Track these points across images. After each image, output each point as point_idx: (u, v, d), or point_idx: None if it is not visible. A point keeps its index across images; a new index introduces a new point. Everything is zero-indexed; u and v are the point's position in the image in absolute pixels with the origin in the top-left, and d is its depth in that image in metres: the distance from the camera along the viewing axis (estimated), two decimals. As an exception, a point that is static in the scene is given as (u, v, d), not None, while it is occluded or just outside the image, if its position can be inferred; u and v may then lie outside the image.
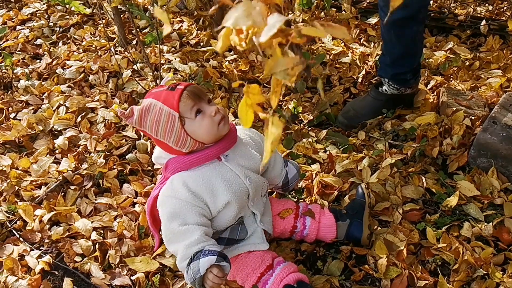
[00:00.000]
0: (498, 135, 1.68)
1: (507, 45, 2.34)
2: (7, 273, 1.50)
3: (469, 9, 2.57)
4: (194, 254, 1.20)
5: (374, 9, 2.58)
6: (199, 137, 1.26)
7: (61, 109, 2.12)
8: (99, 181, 1.79)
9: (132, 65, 2.34)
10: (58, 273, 1.53)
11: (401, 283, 1.39)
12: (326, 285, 1.41)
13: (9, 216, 1.69)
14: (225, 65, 2.30)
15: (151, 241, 1.55)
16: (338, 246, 1.52)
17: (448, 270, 1.44)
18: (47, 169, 1.85)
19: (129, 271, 1.49)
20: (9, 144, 1.99)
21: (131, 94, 2.18)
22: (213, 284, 1.19)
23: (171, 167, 1.30)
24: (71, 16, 2.82)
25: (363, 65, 2.26)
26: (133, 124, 1.29)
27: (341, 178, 1.71)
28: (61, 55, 2.49)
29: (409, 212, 1.60)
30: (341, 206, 1.62)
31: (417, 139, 1.82)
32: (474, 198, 1.62)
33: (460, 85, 2.08)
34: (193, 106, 1.25)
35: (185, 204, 1.25)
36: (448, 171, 1.74)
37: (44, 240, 1.61)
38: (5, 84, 2.33)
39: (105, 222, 1.63)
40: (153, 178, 1.80)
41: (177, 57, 2.38)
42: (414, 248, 1.50)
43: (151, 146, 1.88)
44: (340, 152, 1.83)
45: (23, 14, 2.86)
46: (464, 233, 1.52)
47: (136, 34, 2.16)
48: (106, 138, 1.96)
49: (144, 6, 2.79)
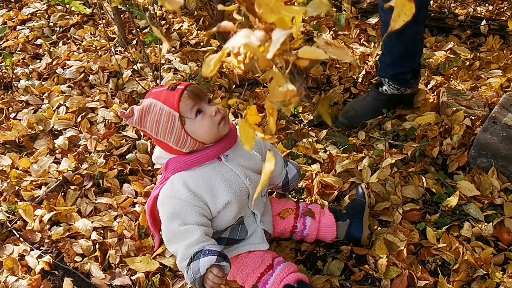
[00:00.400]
0: (498, 135, 1.68)
1: (507, 45, 2.34)
2: (7, 273, 1.50)
3: (469, 9, 2.57)
4: (194, 254, 1.20)
5: (374, 9, 2.58)
6: (199, 137, 1.26)
7: (61, 109, 2.13)
8: (99, 181, 1.79)
9: (132, 65, 2.34)
10: (58, 273, 1.53)
11: (401, 283, 1.39)
12: (326, 285, 1.41)
13: (9, 216, 1.69)
14: (225, 65, 2.30)
15: (151, 241, 1.55)
16: (338, 246, 1.52)
17: (448, 270, 1.44)
18: (47, 169, 1.85)
19: (129, 271, 1.49)
20: (9, 144, 1.99)
21: (131, 94, 2.18)
22: (213, 284, 1.19)
23: (171, 167, 1.30)
24: (71, 16, 2.82)
25: (363, 65, 2.26)
26: (134, 124, 1.29)
27: (341, 178, 1.71)
28: (61, 55, 2.49)
29: (409, 212, 1.60)
30: (341, 206, 1.62)
31: (417, 139, 1.82)
32: (474, 198, 1.62)
33: (460, 85, 2.08)
34: (193, 106, 1.25)
35: (185, 204, 1.25)
36: (448, 171, 1.74)
37: (44, 240, 1.61)
38: (5, 84, 2.33)
39: (105, 222, 1.63)
40: (153, 178, 1.80)
41: (177, 57, 2.38)
42: (414, 248, 1.50)
43: (151, 146, 1.88)
44: (340, 152, 1.83)
45: (23, 14, 2.86)
46: (464, 233, 1.52)
47: (136, 34, 2.16)
48: (106, 138, 1.96)
49: (144, 6, 2.79)
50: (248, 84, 2.22)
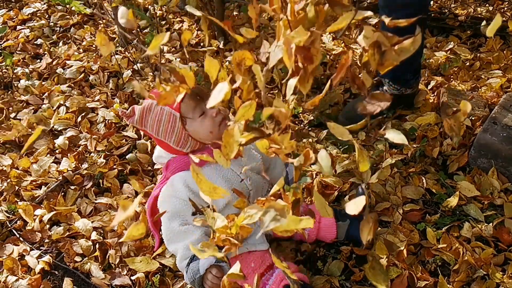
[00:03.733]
0: (499, 135, 1.68)
1: (508, 45, 2.34)
2: (7, 273, 1.50)
3: (469, 10, 2.57)
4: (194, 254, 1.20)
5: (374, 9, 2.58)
6: (200, 138, 1.26)
7: (61, 109, 2.13)
8: (99, 181, 1.79)
9: (132, 65, 2.34)
10: (58, 273, 1.53)
11: (401, 283, 1.39)
12: (326, 285, 1.41)
13: (9, 216, 1.69)
14: (226, 65, 2.30)
15: (151, 241, 1.55)
16: (338, 246, 1.52)
17: (448, 271, 1.44)
18: (47, 169, 1.85)
19: (129, 271, 1.49)
20: (9, 144, 1.99)
21: (131, 94, 2.18)
22: (212, 285, 1.19)
23: (172, 167, 1.30)
24: (72, 16, 2.82)
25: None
26: (134, 123, 1.29)
27: (341, 178, 1.71)
28: (62, 55, 2.49)
29: (409, 212, 1.60)
30: (341, 206, 1.62)
31: (418, 139, 1.82)
32: (474, 198, 1.62)
33: (460, 86, 2.08)
34: (195, 107, 1.25)
35: (186, 203, 1.25)
36: (448, 171, 1.74)
37: (44, 240, 1.61)
38: (6, 84, 2.33)
39: (105, 222, 1.63)
40: (153, 178, 1.80)
41: (177, 57, 2.38)
42: (414, 248, 1.50)
43: (151, 146, 1.88)
44: (340, 152, 1.83)
45: (24, 14, 2.86)
46: (464, 234, 1.52)
47: (137, 34, 2.16)
48: (106, 138, 1.96)
49: (145, 6, 2.79)
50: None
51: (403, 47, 0.58)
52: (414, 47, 0.58)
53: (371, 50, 0.59)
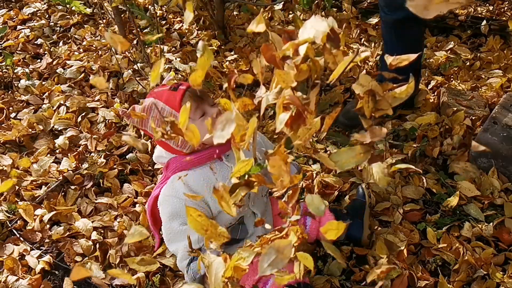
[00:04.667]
0: (499, 135, 1.68)
1: (508, 45, 2.34)
2: (8, 272, 1.51)
3: (469, 9, 2.57)
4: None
5: (374, 9, 2.58)
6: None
7: (61, 108, 2.13)
8: (99, 181, 1.79)
9: (132, 65, 2.34)
10: (58, 272, 1.53)
11: (401, 283, 1.39)
12: (327, 285, 1.41)
13: (10, 216, 1.69)
14: (226, 65, 2.30)
15: (151, 241, 1.56)
16: (338, 246, 1.52)
17: (448, 271, 1.44)
18: (47, 169, 1.85)
19: (130, 271, 1.49)
20: (9, 144, 1.99)
21: (131, 94, 2.18)
22: (213, 284, 1.19)
23: (172, 167, 1.30)
24: (72, 16, 2.82)
25: (364, 65, 2.26)
26: (135, 123, 1.29)
27: (341, 178, 1.71)
28: (62, 54, 2.49)
29: (410, 212, 1.60)
30: (341, 206, 1.62)
31: (418, 139, 1.82)
32: (474, 198, 1.62)
33: (460, 85, 2.08)
34: (195, 108, 1.25)
35: (186, 203, 1.25)
36: (449, 171, 1.74)
37: (44, 239, 1.61)
38: (6, 84, 2.33)
39: (106, 222, 1.63)
40: (153, 178, 1.80)
41: (177, 57, 2.38)
42: (414, 248, 1.50)
43: (151, 146, 1.88)
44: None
45: (24, 13, 2.86)
46: (464, 233, 1.52)
47: (137, 34, 2.16)
48: (106, 138, 1.96)
49: (145, 6, 2.79)
50: (248, 84, 2.22)
51: (396, 95, 0.59)
52: (407, 95, 0.60)
53: (366, 97, 0.61)
